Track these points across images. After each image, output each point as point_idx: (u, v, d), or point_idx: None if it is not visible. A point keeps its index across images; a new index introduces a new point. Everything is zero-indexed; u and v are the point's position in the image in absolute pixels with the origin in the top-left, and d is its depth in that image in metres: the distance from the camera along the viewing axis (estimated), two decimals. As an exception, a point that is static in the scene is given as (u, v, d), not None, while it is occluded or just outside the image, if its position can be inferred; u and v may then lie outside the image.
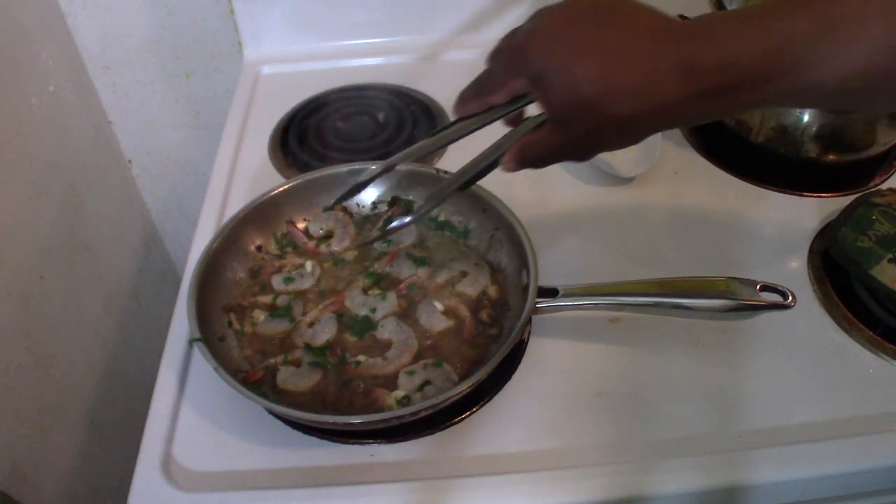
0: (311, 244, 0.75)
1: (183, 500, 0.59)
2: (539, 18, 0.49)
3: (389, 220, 0.76)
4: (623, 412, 0.64)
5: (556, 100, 0.48)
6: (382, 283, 0.72)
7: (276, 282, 0.72)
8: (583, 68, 0.45)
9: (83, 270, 1.02)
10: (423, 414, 0.59)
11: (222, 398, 0.64)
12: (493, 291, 0.71)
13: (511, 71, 0.50)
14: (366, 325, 0.68)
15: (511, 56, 0.50)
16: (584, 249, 0.78)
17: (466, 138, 0.57)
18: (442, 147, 0.59)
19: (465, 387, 0.59)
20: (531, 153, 0.53)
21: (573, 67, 0.46)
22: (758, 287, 0.62)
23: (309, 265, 0.73)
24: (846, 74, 0.41)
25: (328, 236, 0.76)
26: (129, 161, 1.22)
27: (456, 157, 0.59)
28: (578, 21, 0.47)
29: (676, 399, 0.65)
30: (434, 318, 0.68)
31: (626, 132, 0.48)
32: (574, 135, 0.49)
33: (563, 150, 0.51)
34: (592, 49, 0.46)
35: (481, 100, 0.54)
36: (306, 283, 0.72)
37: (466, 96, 0.55)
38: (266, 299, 0.71)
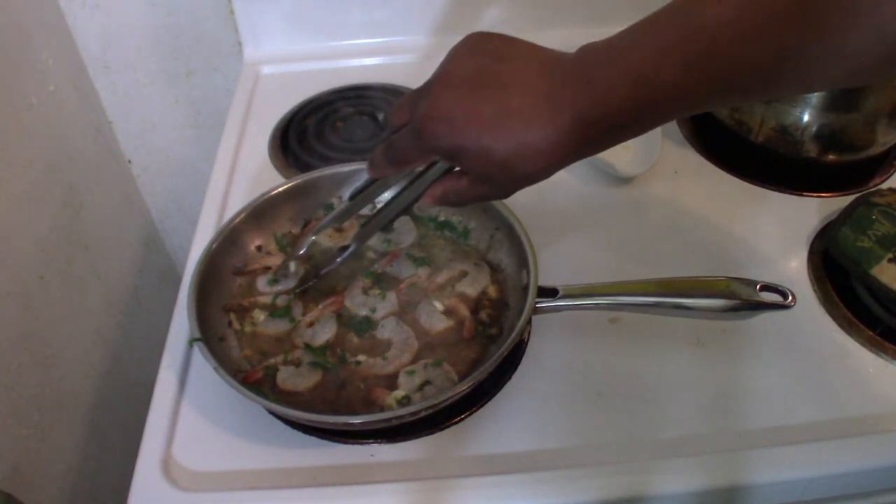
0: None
1: (183, 500, 0.59)
2: (431, 96, 0.52)
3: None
4: (623, 412, 0.64)
5: (475, 167, 0.52)
6: (382, 283, 0.72)
7: (261, 283, 0.72)
8: (492, 140, 0.49)
9: (83, 270, 1.02)
10: (423, 414, 0.59)
11: (222, 398, 0.64)
12: (493, 291, 0.71)
13: (423, 152, 0.54)
14: (366, 325, 0.68)
15: (417, 137, 0.53)
16: (584, 249, 0.78)
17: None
18: (364, 206, 0.67)
19: (465, 387, 0.59)
20: (453, 198, 0.57)
21: (483, 141, 0.49)
22: (758, 287, 0.62)
23: (292, 265, 0.72)
24: (707, 92, 0.46)
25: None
26: (129, 161, 1.22)
27: None
28: (469, 89, 0.50)
29: (676, 399, 0.65)
30: (434, 318, 0.68)
31: (541, 175, 0.52)
32: (493, 186, 0.54)
33: (485, 196, 0.56)
34: (495, 118, 0.49)
35: (397, 168, 0.57)
36: (290, 284, 0.71)
37: (380, 164, 0.58)
38: (266, 299, 0.71)
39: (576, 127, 0.48)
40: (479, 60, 0.51)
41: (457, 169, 0.56)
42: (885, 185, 0.84)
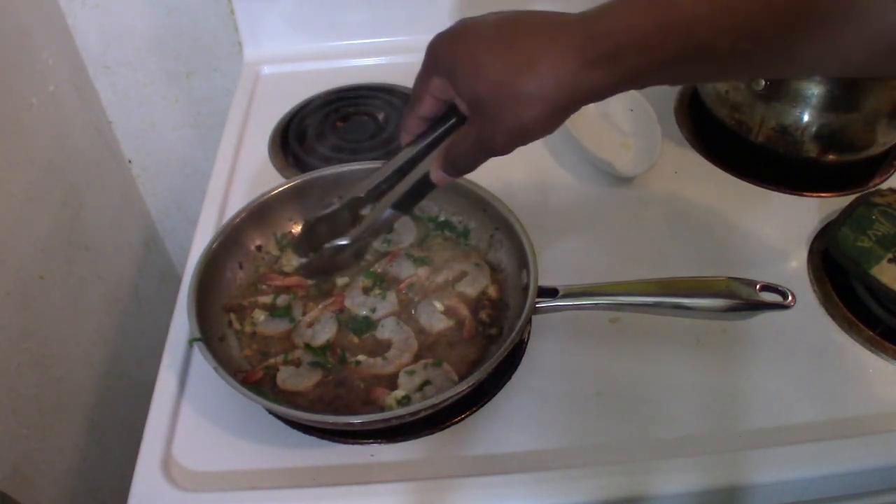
0: None
1: (183, 500, 0.59)
2: (453, 27, 0.52)
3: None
4: (623, 412, 0.64)
5: (466, 85, 0.50)
6: (382, 283, 0.72)
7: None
8: (487, 52, 0.48)
9: (83, 270, 1.02)
10: (423, 414, 0.59)
11: (222, 398, 0.64)
12: (492, 291, 0.71)
13: (427, 74, 0.53)
14: (365, 325, 0.68)
15: (427, 59, 0.53)
16: (584, 249, 0.78)
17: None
18: (398, 172, 0.59)
19: (465, 387, 0.59)
20: (454, 155, 0.54)
21: (479, 52, 0.48)
22: (758, 287, 0.62)
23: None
24: (736, 35, 0.45)
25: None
26: (129, 161, 1.22)
27: None
28: (487, 24, 0.50)
29: (676, 399, 0.65)
30: (434, 318, 0.68)
31: (538, 111, 0.48)
32: (490, 122, 0.50)
33: (484, 142, 0.51)
34: (494, 35, 0.49)
35: (414, 113, 0.56)
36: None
37: (404, 117, 0.58)
38: (266, 299, 0.71)
39: (578, 41, 0.46)
40: (505, 13, 0.51)
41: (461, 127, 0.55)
42: (885, 185, 0.84)
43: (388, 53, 1.06)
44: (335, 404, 0.63)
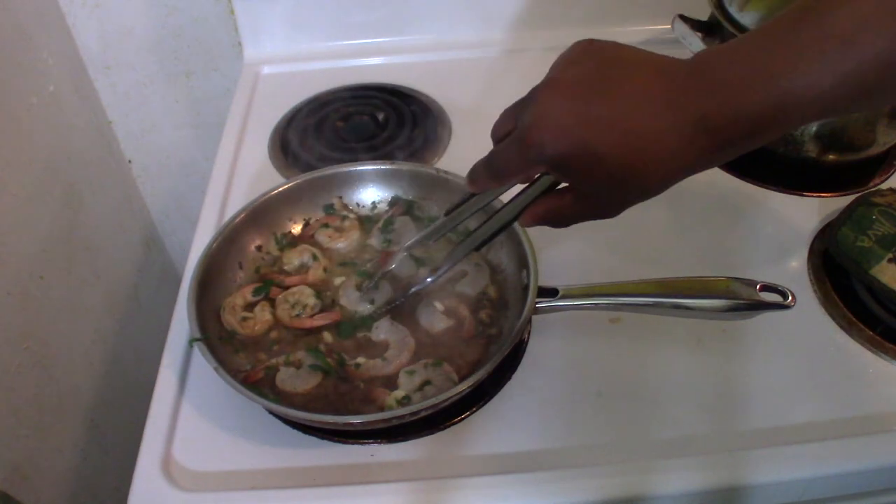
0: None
1: (183, 500, 0.59)
2: (537, 102, 0.47)
3: (390, 221, 0.76)
4: (623, 412, 0.64)
5: (583, 180, 0.48)
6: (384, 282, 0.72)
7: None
8: (604, 147, 0.45)
9: (83, 270, 1.02)
10: (423, 414, 0.59)
11: (222, 398, 0.64)
12: (492, 291, 0.71)
13: (527, 163, 0.49)
14: (355, 327, 0.68)
15: (521, 146, 0.48)
16: (584, 249, 0.78)
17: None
18: (458, 224, 0.61)
19: (465, 387, 0.59)
20: (555, 217, 0.53)
21: (594, 147, 0.45)
22: (758, 287, 0.62)
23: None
24: (844, 91, 0.41)
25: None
26: (129, 161, 1.22)
27: (461, 158, 0.59)
28: (580, 94, 0.46)
29: (677, 399, 0.65)
30: (434, 318, 0.68)
31: (654, 192, 0.48)
32: (601, 202, 0.49)
33: (590, 214, 0.51)
34: (608, 125, 0.45)
35: (498, 182, 0.53)
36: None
37: (480, 178, 0.54)
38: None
39: (699, 134, 0.44)
40: (589, 65, 0.47)
41: (561, 185, 0.52)
42: (885, 185, 0.83)
43: (388, 53, 1.06)
44: (335, 404, 0.63)
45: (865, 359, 0.67)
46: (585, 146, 0.45)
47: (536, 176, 0.53)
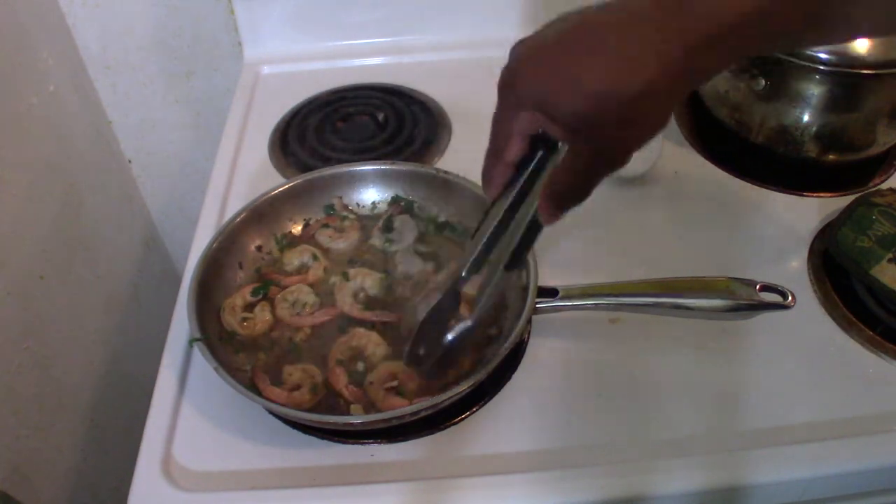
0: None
1: (183, 500, 0.59)
2: (512, 57, 0.46)
3: (390, 220, 0.76)
4: (623, 412, 0.64)
5: (565, 111, 0.44)
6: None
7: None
8: (577, 65, 0.43)
9: (83, 270, 1.02)
10: (423, 414, 0.59)
11: (222, 398, 0.64)
12: (492, 292, 0.71)
13: (511, 111, 0.47)
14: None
15: (504, 97, 0.47)
16: (584, 249, 0.78)
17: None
18: (491, 239, 0.52)
19: (465, 387, 0.59)
20: (562, 188, 0.48)
21: (568, 69, 0.43)
22: (758, 287, 0.62)
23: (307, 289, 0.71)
24: None
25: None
26: (129, 161, 1.22)
27: (461, 158, 0.58)
28: (557, 40, 0.45)
29: (676, 399, 0.65)
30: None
31: (651, 111, 0.44)
32: (597, 143, 0.45)
33: (594, 166, 0.46)
34: (578, 45, 0.43)
35: (500, 160, 0.50)
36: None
37: (488, 168, 0.51)
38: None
39: (675, 30, 0.42)
40: (562, 21, 0.45)
41: (561, 156, 0.48)
42: (885, 185, 0.83)
43: (388, 53, 1.06)
44: (335, 404, 0.63)
45: (865, 359, 0.67)
46: (559, 71, 0.43)
47: (540, 156, 0.49)
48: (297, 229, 0.77)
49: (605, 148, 0.45)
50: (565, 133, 0.46)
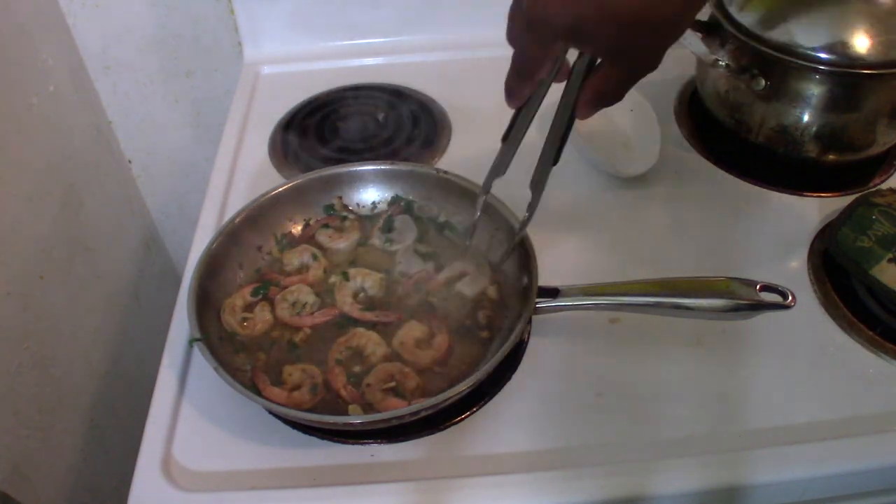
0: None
1: (183, 500, 0.59)
2: None
3: (390, 220, 0.76)
4: (623, 412, 0.64)
5: (602, 39, 0.47)
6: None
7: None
8: None
9: (83, 270, 1.02)
10: (422, 414, 0.59)
11: (222, 398, 0.64)
12: (492, 292, 0.71)
13: (543, 41, 0.49)
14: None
15: (534, 26, 0.49)
16: (584, 249, 0.78)
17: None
18: (519, 144, 0.59)
19: (464, 387, 0.59)
20: (604, 93, 0.52)
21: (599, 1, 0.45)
22: (758, 287, 0.62)
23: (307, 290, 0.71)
24: None
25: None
26: (129, 161, 1.22)
27: (461, 158, 0.58)
28: None
29: (676, 399, 0.65)
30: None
31: (677, 24, 0.48)
32: (634, 55, 0.49)
33: (633, 73, 0.50)
34: None
35: (530, 81, 0.54)
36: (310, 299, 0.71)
37: (514, 85, 0.55)
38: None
39: None
40: None
41: (596, 64, 0.52)
42: (885, 185, 0.84)
43: (388, 53, 1.06)
44: (335, 405, 0.63)
45: (865, 359, 0.67)
46: (591, 2, 0.45)
47: (560, 63, 0.53)
48: (297, 229, 0.77)
49: (640, 59, 0.49)
50: (604, 54, 0.50)
